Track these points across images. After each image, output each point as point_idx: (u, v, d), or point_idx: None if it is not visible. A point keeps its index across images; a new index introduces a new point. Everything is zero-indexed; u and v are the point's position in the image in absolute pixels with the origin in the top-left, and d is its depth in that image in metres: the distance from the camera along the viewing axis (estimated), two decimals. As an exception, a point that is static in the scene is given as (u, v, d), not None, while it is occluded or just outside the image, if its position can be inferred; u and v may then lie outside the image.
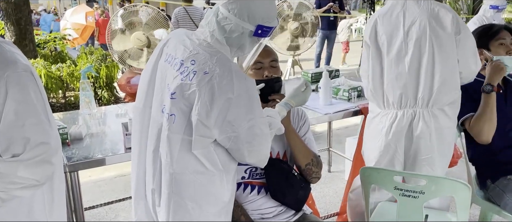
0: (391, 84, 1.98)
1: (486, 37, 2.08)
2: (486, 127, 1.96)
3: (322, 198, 3.13)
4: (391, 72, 1.97)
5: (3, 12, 5.78)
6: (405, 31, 1.94)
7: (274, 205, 1.68)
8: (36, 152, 1.12)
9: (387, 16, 1.99)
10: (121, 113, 2.47)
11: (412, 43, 1.93)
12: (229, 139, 1.28)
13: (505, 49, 2.04)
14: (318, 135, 4.17)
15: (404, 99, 1.97)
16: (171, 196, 1.32)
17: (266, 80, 1.63)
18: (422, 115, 1.96)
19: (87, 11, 10.28)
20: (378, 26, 2.00)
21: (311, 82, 3.12)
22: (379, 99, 2.04)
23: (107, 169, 3.33)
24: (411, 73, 1.94)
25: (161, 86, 1.34)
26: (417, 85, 1.95)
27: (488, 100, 1.97)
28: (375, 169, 1.73)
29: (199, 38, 1.34)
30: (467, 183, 1.55)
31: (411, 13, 1.94)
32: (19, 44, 5.72)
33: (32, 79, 1.16)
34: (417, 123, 1.97)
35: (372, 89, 2.05)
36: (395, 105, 1.99)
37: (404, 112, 1.99)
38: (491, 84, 1.97)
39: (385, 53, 1.98)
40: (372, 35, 2.01)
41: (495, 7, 4.39)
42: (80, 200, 1.86)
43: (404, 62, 1.95)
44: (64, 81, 5.10)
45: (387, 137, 2.01)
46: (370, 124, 2.13)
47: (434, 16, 1.91)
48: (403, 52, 1.94)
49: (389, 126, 2.00)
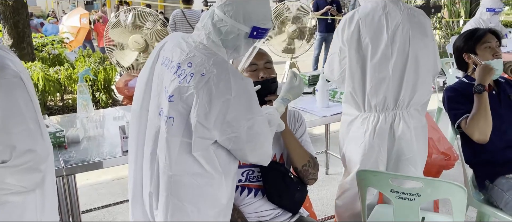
0: (374, 88, 2.00)
1: (472, 41, 2.09)
2: (481, 124, 1.97)
3: (319, 200, 3.14)
4: (375, 76, 1.99)
5: (1, 15, 5.78)
6: (389, 35, 1.96)
7: (271, 208, 1.69)
8: (23, 159, 1.11)
9: (369, 19, 1.99)
10: (118, 116, 2.47)
11: (396, 48, 1.96)
12: (229, 140, 1.28)
13: (491, 52, 2.05)
14: (315, 138, 4.17)
15: (386, 102, 2.01)
16: (169, 199, 1.32)
17: (262, 81, 1.64)
18: (402, 116, 2.02)
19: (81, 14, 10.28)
20: (361, 29, 1.99)
21: (308, 85, 3.13)
22: (360, 102, 2.05)
23: (104, 172, 3.33)
24: (395, 77, 1.98)
25: (158, 89, 1.35)
26: (399, 89, 1.99)
27: (481, 100, 1.99)
28: (371, 172, 1.74)
29: (195, 40, 1.35)
30: (463, 185, 1.55)
31: (394, 17, 1.97)
32: (17, 47, 5.73)
33: (22, 85, 1.14)
34: (398, 124, 2.02)
35: (352, 92, 2.06)
36: (377, 108, 2.03)
37: (385, 114, 2.02)
38: (482, 84, 1.99)
39: (369, 57, 1.99)
40: (354, 37, 1.99)
41: (492, 10, 4.41)
42: (77, 203, 1.86)
43: (388, 66, 1.97)
44: (62, 84, 5.10)
45: (371, 140, 2.04)
46: (350, 127, 2.13)
47: (415, 22, 1.97)
48: (387, 56, 1.97)
49: (372, 128, 2.03)
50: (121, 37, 3.59)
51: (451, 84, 2.20)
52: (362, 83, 2.02)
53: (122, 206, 2.96)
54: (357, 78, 2.03)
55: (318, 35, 6.77)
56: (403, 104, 2.01)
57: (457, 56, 2.17)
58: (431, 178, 1.67)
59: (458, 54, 2.14)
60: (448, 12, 10.36)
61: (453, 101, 2.09)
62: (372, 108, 2.03)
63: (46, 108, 5.07)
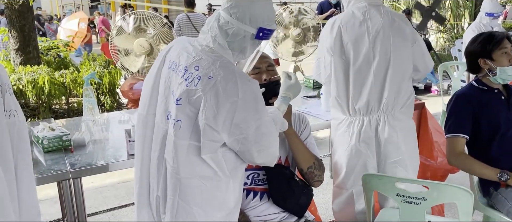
0: (358, 92, 2.04)
1: (489, 46, 2.08)
2: (464, 169, 2.08)
3: (324, 204, 3.13)
4: (357, 80, 2.03)
5: (7, 19, 5.82)
6: (371, 40, 2.00)
7: (277, 211, 1.69)
8: None
9: (351, 25, 2.03)
10: (124, 120, 2.48)
11: (377, 52, 2.00)
12: (238, 141, 1.29)
13: (508, 57, 2.04)
14: (320, 141, 4.17)
15: (369, 105, 2.04)
16: (176, 202, 1.33)
17: (266, 83, 1.66)
18: (387, 120, 2.05)
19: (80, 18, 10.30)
20: (343, 35, 2.03)
21: (312, 88, 3.13)
22: (344, 106, 2.09)
23: (109, 175, 3.33)
24: (377, 81, 2.02)
25: (165, 93, 1.36)
26: (382, 92, 2.03)
27: (490, 175, 1.98)
28: (376, 176, 1.74)
29: (201, 44, 1.36)
30: (469, 189, 1.55)
31: (375, 22, 2.02)
32: (23, 51, 5.76)
33: None
34: (383, 128, 2.05)
35: (337, 97, 2.10)
36: (361, 111, 2.06)
37: (369, 118, 2.06)
38: (506, 179, 1.95)
39: (351, 62, 2.03)
40: (337, 43, 2.04)
41: (491, 15, 4.42)
42: (83, 206, 1.87)
43: (370, 70, 2.01)
44: (67, 88, 5.13)
45: (357, 144, 2.07)
46: (336, 131, 2.17)
47: (396, 27, 2.02)
48: (369, 61, 2.01)
49: (357, 132, 2.07)
50: (126, 43, 3.60)
51: (461, 89, 2.18)
52: (346, 87, 2.07)
53: (127, 209, 2.96)
54: (340, 82, 2.07)
55: (322, 38, 6.75)
56: (387, 108, 2.04)
57: (470, 60, 2.15)
58: (437, 182, 1.67)
59: (473, 58, 2.12)
60: (453, 15, 10.34)
61: (455, 111, 2.07)
62: (357, 112, 2.07)
63: (52, 111, 5.10)
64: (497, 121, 2.02)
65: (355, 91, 2.04)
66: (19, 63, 5.74)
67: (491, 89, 2.08)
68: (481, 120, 2.02)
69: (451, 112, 2.08)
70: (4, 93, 1.18)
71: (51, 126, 2.03)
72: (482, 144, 2.05)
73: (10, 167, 1.18)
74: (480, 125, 2.03)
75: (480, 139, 2.05)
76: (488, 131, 2.03)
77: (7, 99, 1.19)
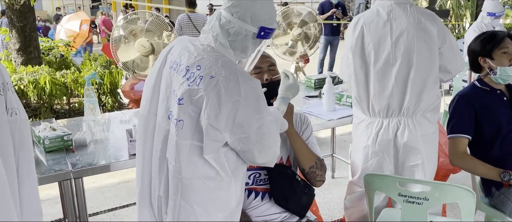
0: (377, 94, 2.00)
1: (489, 46, 2.07)
2: (466, 169, 2.08)
3: (325, 204, 3.13)
4: (377, 82, 1.99)
5: (9, 20, 5.82)
6: (393, 42, 1.95)
7: (278, 211, 1.68)
8: None
9: (374, 24, 1.98)
10: (125, 120, 2.48)
11: (400, 54, 1.94)
12: (239, 140, 1.29)
13: (508, 57, 2.03)
14: (321, 141, 4.16)
15: (390, 109, 2.00)
16: (178, 202, 1.32)
17: (267, 83, 1.65)
18: (407, 124, 2.00)
19: (82, 19, 10.26)
20: (365, 35, 1.99)
21: (314, 88, 3.13)
22: (364, 106, 2.06)
23: (110, 175, 3.33)
24: (398, 84, 1.96)
25: (166, 93, 1.35)
26: (403, 96, 1.97)
27: (493, 175, 1.97)
28: (378, 175, 1.73)
29: (202, 43, 1.36)
30: (471, 189, 1.54)
31: (399, 23, 1.95)
32: (24, 51, 5.77)
33: None
34: (402, 132, 2.00)
35: (357, 97, 2.07)
36: (381, 114, 2.02)
37: (389, 121, 2.02)
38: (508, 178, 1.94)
39: (372, 63, 1.99)
40: (358, 43, 2.00)
41: (492, 14, 4.41)
42: (84, 206, 1.87)
43: (392, 73, 1.96)
44: (69, 88, 5.13)
45: (373, 145, 2.04)
46: (356, 130, 2.15)
47: (421, 28, 1.94)
48: (390, 63, 1.96)
49: (375, 134, 2.04)
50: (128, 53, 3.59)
51: (463, 89, 2.17)
52: (366, 88, 2.03)
53: (128, 209, 2.96)
54: (361, 83, 2.04)
55: (323, 38, 6.75)
56: (408, 112, 1.99)
57: (472, 58, 2.15)
58: (439, 182, 1.67)
59: (474, 57, 2.12)
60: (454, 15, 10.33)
61: (457, 112, 2.07)
62: (377, 114, 2.03)
63: (53, 111, 5.11)
64: (499, 121, 2.02)
65: (376, 93, 2.00)
66: (20, 63, 5.75)
67: (493, 89, 2.07)
68: (483, 121, 2.02)
69: (453, 112, 2.07)
70: (6, 91, 1.18)
71: (52, 126, 2.03)
72: (484, 145, 2.05)
73: (11, 165, 1.17)
74: (482, 125, 2.02)
75: (482, 140, 2.04)
76: (490, 132, 2.02)
77: (9, 97, 1.19)
